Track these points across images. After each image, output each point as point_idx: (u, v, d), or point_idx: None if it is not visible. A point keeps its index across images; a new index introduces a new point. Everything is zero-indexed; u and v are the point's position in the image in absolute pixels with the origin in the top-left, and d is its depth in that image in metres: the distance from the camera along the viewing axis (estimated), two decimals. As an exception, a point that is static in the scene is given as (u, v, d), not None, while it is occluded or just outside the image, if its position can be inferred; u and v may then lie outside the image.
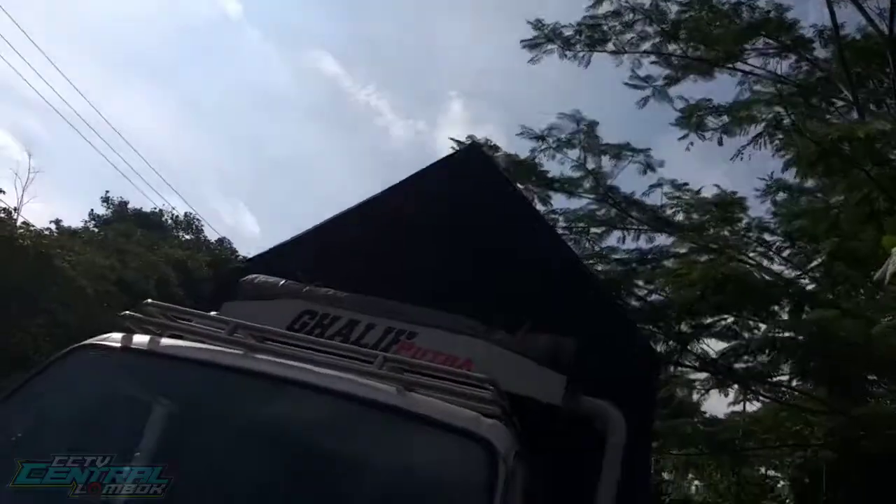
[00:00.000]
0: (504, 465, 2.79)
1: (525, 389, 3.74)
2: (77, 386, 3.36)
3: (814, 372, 10.13)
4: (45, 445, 3.22)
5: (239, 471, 3.08)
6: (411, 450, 3.01)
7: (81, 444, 3.32)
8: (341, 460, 3.04)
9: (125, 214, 42.99)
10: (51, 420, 3.28)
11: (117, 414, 3.37)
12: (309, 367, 3.24)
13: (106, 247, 28.02)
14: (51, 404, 3.28)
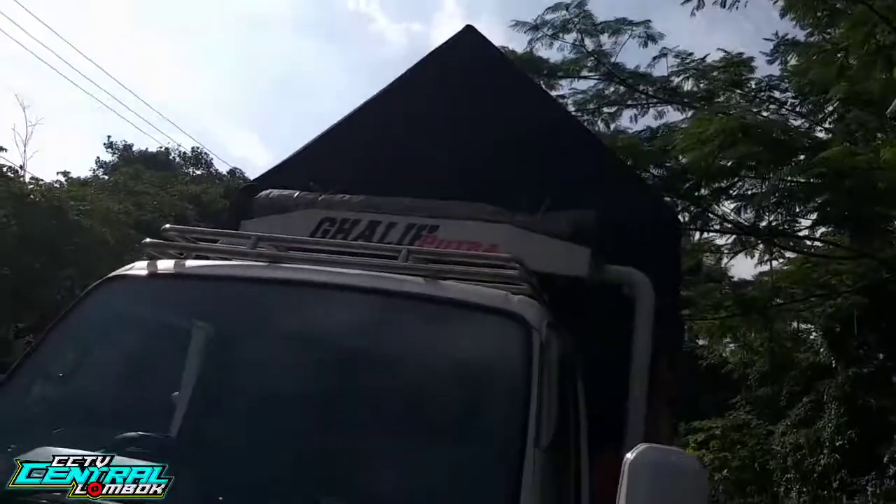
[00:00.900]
0: (538, 337, 2.83)
1: (551, 267, 3.76)
2: (110, 318, 3.41)
3: (836, 216, 10.06)
4: (90, 380, 3.32)
5: (283, 377, 3.16)
6: (446, 335, 3.06)
7: (125, 373, 3.43)
8: (380, 354, 3.10)
9: (131, 157, 42.88)
10: (91, 354, 3.36)
11: (155, 340, 3.44)
12: (337, 270, 3.27)
13: (118, 192, 28.06)
14: (88, 339, 3.35)
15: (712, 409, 19.83)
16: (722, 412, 19.00)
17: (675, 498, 2.16)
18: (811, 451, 14.69)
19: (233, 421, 3.20)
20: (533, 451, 2.55)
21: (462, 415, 2.91)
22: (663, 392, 4.20)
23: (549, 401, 2.72)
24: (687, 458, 2.31)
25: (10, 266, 19.18)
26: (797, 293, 13.69)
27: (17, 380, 3.10)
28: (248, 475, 2.86)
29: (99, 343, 3.39)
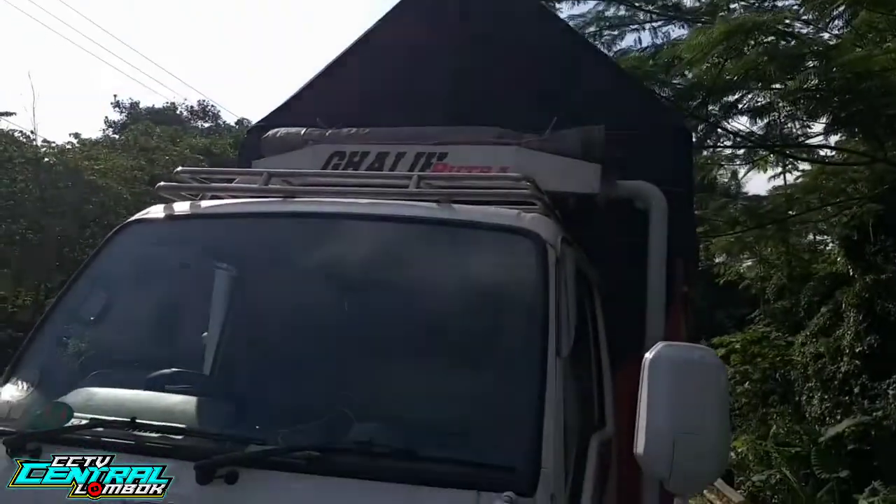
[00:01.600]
0: (553, 252, 2.87)
1: (562, 185, 3.78)
2: (132, 261, 3.49)
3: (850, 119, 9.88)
4: (118, 324, 3.41)
5: (306, 308, 3.24)
6: (462, 256, 3.11)
7: (153, 315, 3.52)
8: (399, 279, 3.16)
9: (138, 115, 42.88)
10: (117, 298, 3.43)
11: (178, 280, 3.52)
12: (350, 200, 3.32)
13: (129, 149, 28.05)
14: (113, 284, 3.43)
15: (731, 324, 19.97)
16: (741, 327, 19.12)
17: (695, 392, 2.22)
18: (831, 359, 14.77)
19: (261, 354, 3.30)
20: (554, 360, 2.62)
21: (483, 331, 2.97)
22: (680, 302, 4.25)
23: (567, 312, 2.78)
24: (705, 352, 2.36)
25: (34, 230, 19.42)
26: (812, 203, 13.60)
27: (49, 326, 3.19)
28: (281, 404, 2.97)
29: (124, 287, 3.47)
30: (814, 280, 18.19)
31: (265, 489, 2.46)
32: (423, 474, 2.45)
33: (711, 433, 2.20)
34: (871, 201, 13.18)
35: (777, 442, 13.25)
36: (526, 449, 2.44)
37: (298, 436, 2.62)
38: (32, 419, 2.84)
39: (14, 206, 19.44)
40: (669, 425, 2.18)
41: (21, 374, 3.03)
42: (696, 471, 2.19)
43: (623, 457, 3.66)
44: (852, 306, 14.47)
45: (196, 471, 2.43)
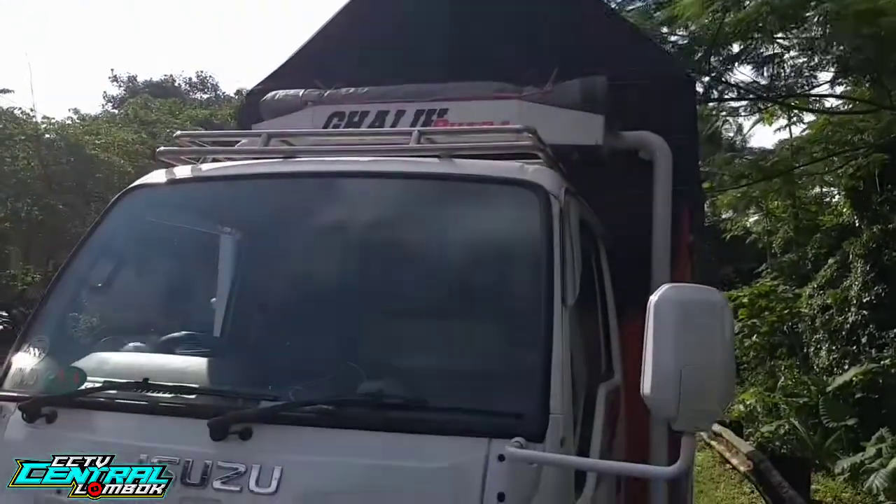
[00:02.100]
0: (557, 203, 2.86)
1: (565, 138, 3.74)
2: (136, 227, 3.50)
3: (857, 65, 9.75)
4: (126, 289, 3.44)
5: (313, 267, 3.26)
6: (466, 210, 3.11)
7: (160, 279, 3.55)
8: (404, 235, 3.17)
9: (137, 88, 42.82)
10: (123, 264, 3.45)
11: (183, 244, 3.54)
12: (352, 158, 3.31)
13: (129, 123, 28.03)
14: (118, 250, 3.44)
15: (738, 280, 19.96)
16: (748, 282, 19.11)
17: (700, 331, 2.22)
18: (839, 310, 14.77)
19: (270, 313, 3.32)
20: (560, 309, 2.63)
21: (489, 283, 2.99)
22: (686, 251, 4.25)
23: (573, 262, 2.78)
24: (711, 292, 2.35)
25: (39, 207, 19.50)
26: (818, 154, 13.51)
27: (57, 293, 3.21)
28: (291, 362, 3.00)
29: (130, 252, 3.48)
30: (820, 232, 18.15)
31: (279, 444, 2.50)
32: (433, 424, 2.48)
33: (717, 369, 2.20)
34: (878, 151, 13.07)
35: (785, 393, 13.31)
36: (535, 395, 2.46)
37: (309, 391, 2.64)
38: (46, 384, 2.88)
39: (18, 183, 19.48)
40: (675, 364, 2.18)
41: (32, 341, 3.06)
42: (702, 408, 2.19)
43: (631, 406, 3.69)
44: (859, 257, 14.45)
45: (210, 428, 2.47)
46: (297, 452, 2.49)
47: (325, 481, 2.45)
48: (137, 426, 2.71)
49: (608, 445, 3.15)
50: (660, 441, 3.61)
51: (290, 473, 2.43)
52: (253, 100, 4.77)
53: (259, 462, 2.45)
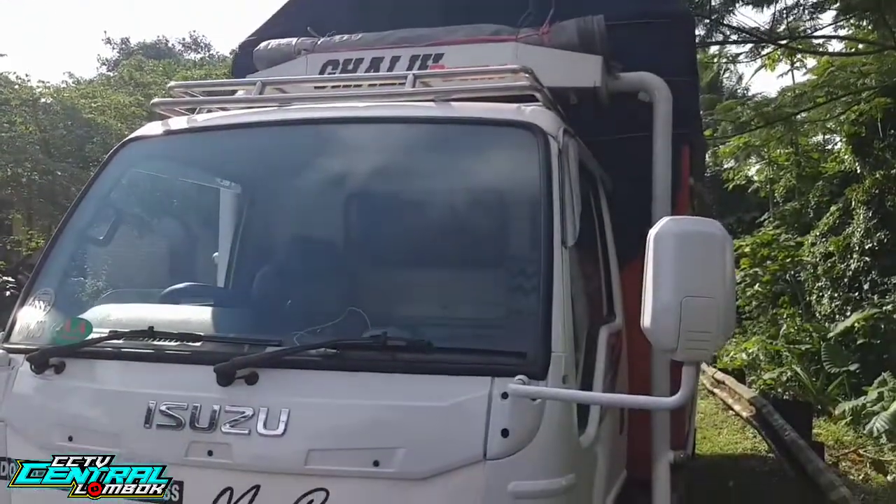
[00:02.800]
0: (555, 144, 2.85)
1: (563, 80, 3.70)
2: (133, 180, 3.50)
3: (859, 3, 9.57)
4: (127, 242, 3.44)
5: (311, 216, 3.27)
6: (464, 153, 3.10)
7: (160, 232, 3.55)
8: (403, 180, 3.17)
9: (131, 50, 42.52)
10: (123, 217, 3.45)
11: (181, 196, 3.54)
12: (348, 104, 3.29)
13: (125, 85, 27.84)
14: (117, 203, 3.43)
15: (740, 230, 19.92)
16: (750, 231, 19.08)
17: (700, 262, 2.22)
18: (841, 257, 14.77)
19: (272, 262, 3.33)
20: (560, 249, 2.63)
21: (488, 225, 3.00)
22: (686, 193, 4.23)
23: (572, 203, 2.78)
24: (711, 224, 2.34)
25: (39, 172, 19.49)
26: (820, 98, 13.37)
27: (59, 247, 3.22)
28: (295, 309, 3.02)
29: (128, 205, 3.49)
30: (822, 180, 18.07)
31: (285, 387, 2.53)
32: (437, 365, 2.50)
33: (718, 298, 2.20)
34: (881, 94, 12.95)
35: (787, 341, 13.40)
36: (536, 334, 2.48)
37: (314, 336, 2.66)
38: (53, 335, 2.91)
39: (16, 149, 19.44)
40: (675, 296, 2.19)
41: (37, 294, 3.07)
42: (702, 338, 2.20)
43: (632, 349, 3.71)
44: (861, 203, 14.41)
45: (216, 373, 2.49)
46: (303, 395, 2.52)
47: (331, 422, 2.49)
48: (145, 374, 2.74)
49: (610, 387, 3.17)
50: (661, 376, 3.62)
51: (296, 416, 2.47)
52: (246, 50, 4.71)
53: (266, 405, 2.49)
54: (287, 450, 2.45)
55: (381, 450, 2.41)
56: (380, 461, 2.39)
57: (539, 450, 2.39)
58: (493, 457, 2.35)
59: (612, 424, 3.25)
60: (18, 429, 2.79)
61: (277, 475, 2.47)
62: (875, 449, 8.56)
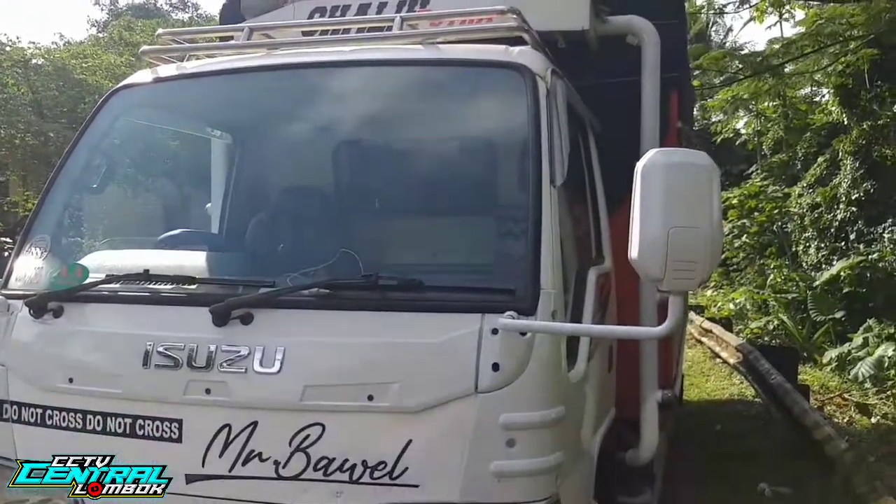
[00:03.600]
0: (543, 84, 2.86)
1: (551, 23, 3.70)
2: (124, 128, 3.50)
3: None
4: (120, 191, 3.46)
5: (303, 161, 3.28)
6: (452, 95, 3.13)
7: (154, 180, 3.57)
8: (393, 123, 3.20)
9: (120, 12, 42.10)
10: (116, 166, 3.46)
11: (173, 143, 3.55)
12: (336, 49, 3.29)
13: (115, 46, 27.54)
14: (109, 152, 3.44)
15: (728, 182, 19.97)
16: (738, 183, 19.14)
17: (688, 192, 2.25)
18: (827, 207, 14.86)
19: (265, 208, 3.36)
20: (549, 188, 2.67)
21: (477, 165, 3.04)
22: (674, 137, 4.26)
23: (560, 144, 2.80)
24: (699, 156, 2.37)
25: (32, 133, 19.37)
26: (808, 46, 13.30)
27: (53, 196, 3.23)
28: (288, 253, 3.06)
29: (120, 153, 3.50)
30: (810, 131, 18.10)
31: (279, 327, 2.58)
32: (428, 303, 2.56)
33: (704, 228, 2.24)
34: (868, 45, 12.91)
35: (774, 290, 13.54)
36: (525, 272, 2.53)
37: (307, 277, 2.70)
38: (50, 280, 2.94)
39: (9, 111, 19.31)
40: (662, 226, 2.22)
41: (33, 241, 3.10)
42: (689, 267, 2.23)
43: (621, 292, 3.77)
44: (849, 154, 14.47)
45: (212, 314, 2.54)
46: (297, 334, 2.57)
47: (326, 359, 2.55)
48: (142, 317, 2.78)
49: (599, 323, 3.22)
50: (649, 311, 3.67)
51: (292, 354, 2.52)
52: (234, 2, 4.67)
53: (262, 345, 2.54)
54: (283, 386, 2.51)
55: (375, 385, 2.47)
56: (374, 396, 2.46)
57: (528, 383, 2.45)
58: (483, 390, 2.41)
59: (600, 362, 3.32)
60: (19, 372, 2.84)
61: (274, 411, 2.53)
62: (860, 393, 8.73)
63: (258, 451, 2.52)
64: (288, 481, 2.49)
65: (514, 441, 2.41)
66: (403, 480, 2.43)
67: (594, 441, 3.13)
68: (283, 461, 2.50)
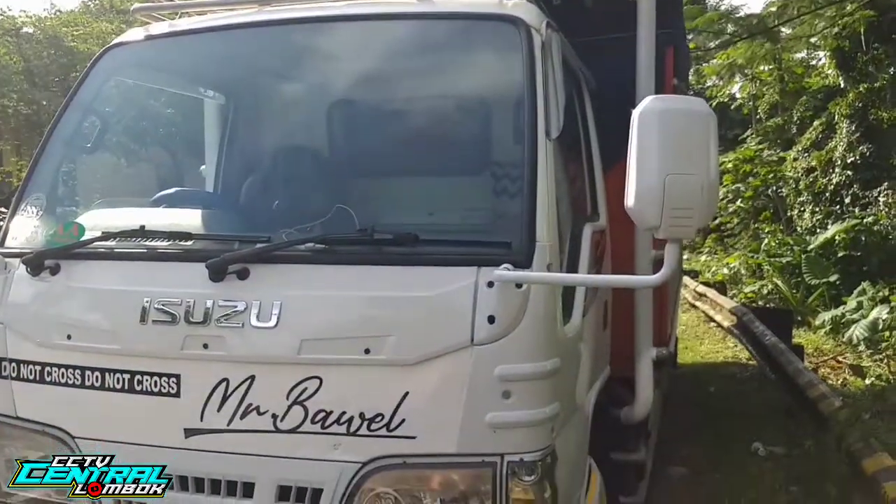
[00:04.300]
0: (538, 36, 2.84)
1: None
2: (117, 87, 3.47)
3: None
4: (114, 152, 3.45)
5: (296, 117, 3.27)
6: (445, 49, 3.10)
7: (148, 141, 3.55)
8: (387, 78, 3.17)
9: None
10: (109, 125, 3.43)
11: (167, 102, 3.52)
12: (330, 3, 3.26)
13: (105, 13, 27.28)
14: (102, 111, 3.41)
15: (723, 147, 19.92)
16: (733, 149, 19.14)
17: (684, 139, 2.23)
18: (823, 171, 14.86)
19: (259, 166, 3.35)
20: (545, 140, 2.66)
21: (472, 118, 3.03)
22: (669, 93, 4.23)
23: (556, 96, 2.79)
24: (696, 102, 2.35)
25: (26, 103, 19.28)
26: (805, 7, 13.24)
27: (47, 155, 3.21)
28: (283, 210, 3.06)
29: (114, 112, 3.47)
30: (806, 95, 18.06)
31: (276, 282, 2.58)
32: (424, 256, 2.56)
33: (701, 175, 2.23)
34: (865, 6, 12.84)
35: (769, 254, 13.60)
36: (521, 225, 2.53)
37: (303, 233, 2.71)
38: (47, 238, 2.94)
39: (1, 81, 19.22)
40: (659, 173, 2.21)
41: (29, 200, 3.09)
42: (685, 214, 2.22)
43: (616, 251, 3.78)
44: (845, 117, 14.44)
45: (208, 269, 2.54)
46: (294, 289, 2.58)
47: (322, 313, 2.56)
48: (138, 273, 2.79)
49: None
50: (644, 267, 3.67)
51: (288, 308, 2.53)
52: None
53: (258, 299, 2.54)
54: (280, 341, 2.52)
55: (372, 338, 2.48)
56: (370, 349, 2.47)
57: (524, 335, 2.46)
58: (479, 342, 2.42)
59: (595, 318, 3.34)
60: (17, 330, 2.84)
61: (271, 365, 2.55)
62: (854, 356, 8.80)
63: (256, 404, 2.54)
64: (286, 434, 2.51)
65: (510, 393, 2.43)
66: (400, 432, 2.45)
67: (589, 397, 3.15)
68: (280, 414, 2.52)
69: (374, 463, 2.48)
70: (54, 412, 2.78)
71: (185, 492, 2.63)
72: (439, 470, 2.50)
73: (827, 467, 5.04)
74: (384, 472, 2.49)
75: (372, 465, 2.48)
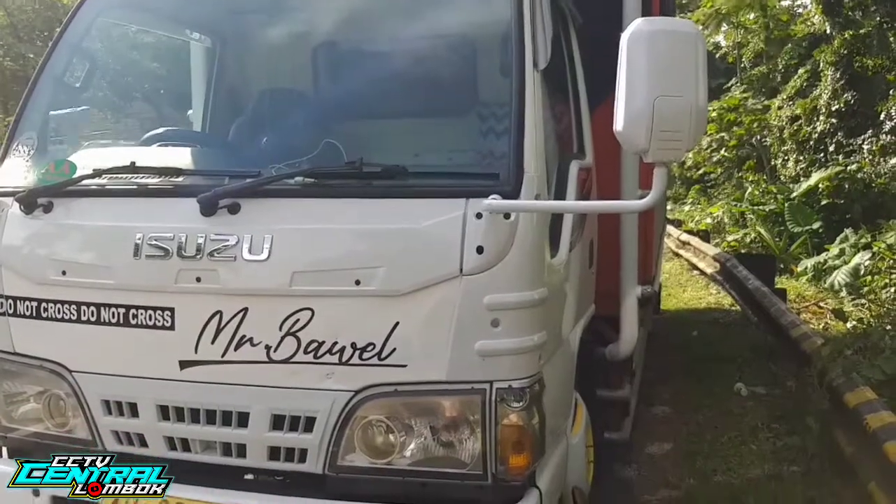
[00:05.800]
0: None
1: None
2: (105, 29, 3.43)
3: None
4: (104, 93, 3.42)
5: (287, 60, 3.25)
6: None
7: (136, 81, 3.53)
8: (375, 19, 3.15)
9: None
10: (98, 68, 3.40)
11: (157, 46, 3.50)
12: None
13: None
14: (91, 52, 3.38)
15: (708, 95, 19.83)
16: (717, 96, 19.08)
17: (673, 61, 2.23)
18: (807, 119, 14.87)
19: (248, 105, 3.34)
20: (532, 71, 2.66)
21: (460, 49, 3.02)
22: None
23: (543, 27, 2.79)
24: (683, 23, 2.35)
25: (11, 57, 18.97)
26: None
27: (36, 96, 3.17)
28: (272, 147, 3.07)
29: (101, 54, 3.44)
30: (791, 42, 17.99)
31: (267, 216, 2.59)
32: (413, 189, 2.59)
33: (690, 97, 2.23)
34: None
35: (752, 203, 13.69)
36: (509, 156, 2.55)
37: (292, 167, 2.72)
38: (39, 177, 2.93)
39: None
40: (647, 96, 2.22)
41: (20, 140, 3.07)
42: (673, 138, 2.23)
43: (602, 192, 3.80)
44: (830, 64, 14.42)
45: (199, 204, 2.55)
46: (284, 222, 2.60)
47: (313, 246, 2.58)
48: (131, 209, 2.79)
49: (578, 221, 3.26)
50: (630, 198, 3.69)
51: (279, 241, 2.55)
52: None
53: (250, 233, 2.56)
54: (272, 273, 2.55)
55: (362, 270, 2.51)
56: (361, 280, 2.50)
57: (512, 265, 2.50)
58: (468, 272, 2.46)
59: (581, 255, 3.38)
60: (12, 267, 2.85)
61: (264, 297, 2.58)
62: (835, 302, 8.92)
63: (249, 336, 2.58)
64: (279, 364, 2.56)
65: (499, 321, 2.48)
66: (391, 361, 2.50)
67: (575, 333, 3.21)
68: (273, 345, 2.56)
69: (365, 391, 2.54)
70: (51, 347, 2.82)
71: (181, 423, 2.69)
72: (430, 397, 2.56)
73: (808, 404, 5.12)
74: (376, 399, 2.54)
75: (364, 394, 2.54)
